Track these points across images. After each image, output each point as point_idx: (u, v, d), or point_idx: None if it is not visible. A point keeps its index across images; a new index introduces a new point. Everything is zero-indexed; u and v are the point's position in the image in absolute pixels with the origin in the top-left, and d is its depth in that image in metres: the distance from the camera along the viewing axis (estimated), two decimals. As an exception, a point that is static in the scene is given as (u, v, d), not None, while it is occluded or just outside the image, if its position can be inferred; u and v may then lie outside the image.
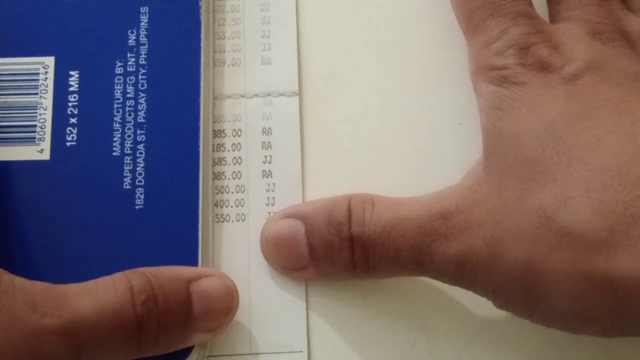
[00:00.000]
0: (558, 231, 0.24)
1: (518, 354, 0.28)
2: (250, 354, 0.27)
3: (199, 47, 0.29)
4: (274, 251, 0.28)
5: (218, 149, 0.30)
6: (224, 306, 0.26)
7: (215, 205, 0.29)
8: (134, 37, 0.29)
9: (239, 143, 0.30)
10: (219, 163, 0.29)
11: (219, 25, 0.31)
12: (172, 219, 0.27)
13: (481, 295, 0.26)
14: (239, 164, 0.29)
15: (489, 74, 0.27)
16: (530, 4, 0.28)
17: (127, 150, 0.28)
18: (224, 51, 0.30)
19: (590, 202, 0.23)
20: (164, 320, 0.24)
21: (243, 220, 0.29)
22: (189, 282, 0.25)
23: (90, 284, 0.24)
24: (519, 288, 0.25)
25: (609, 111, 0.25)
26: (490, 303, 0.26)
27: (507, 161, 0.25)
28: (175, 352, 0.26)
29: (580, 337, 0.26)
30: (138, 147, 0.28)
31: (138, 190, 0.28)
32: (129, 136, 0.28)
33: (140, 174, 0.28)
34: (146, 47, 0.29)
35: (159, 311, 0.24)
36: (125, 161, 0.28)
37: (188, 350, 0.26)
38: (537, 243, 0.24)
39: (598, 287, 0.23)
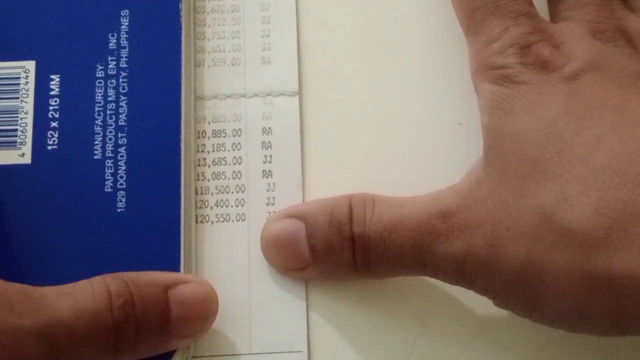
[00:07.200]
0: (558, 229, 0.24)
1: (518, 354, 0.28)
2: (250, 353, 0.27)
3: (180, 49, 0.29)
4: (275, 251, 0.28)
5: (218, 149, 0.29)
6: (202, 312, 0.26)
7: (215, 204, 0.29)
8: (114, 40, 0.29)
9: (239, 143, 0.30)
10: (219, 163, 0.29)
11: (219, 25, 0.31)
12: (153, 222, 0.27)
13: (481, 294, 0.26)
14: (239, 163, 0.29)
15: (489, 73, 0.27)
16: (531, 4, 0.28)
17: (108, 153, 0.28)
18: (224, 51, 0.31)
19: (590, 201, 0.23)
20: (142, 325, 0.24)
21: (243, 220, 0.29)
22: (167, 287, 0.25)
23: (68, 287, 0.24)
24: (519, 286, 0.25)
25: (610, 110, 0.25)
26: (490, 303, 0.26)
27: (508, 160, 0.25)
28: (157, 355, 0.26)
29: (580, 337, 0.26)
30: (119, 150, 0.28)
31: (119, 194, 0.27)
32: (110, 139, 0.28)
33: (121, 177, 0.28)
34: (127, 50, 0.29)
35: (137, 316, 0.24)
36: (107, 164, 0.28)
37: (171, 353, 0.26)
38: (537, 241, 0.24)
39: (597, 286, 0.23)
